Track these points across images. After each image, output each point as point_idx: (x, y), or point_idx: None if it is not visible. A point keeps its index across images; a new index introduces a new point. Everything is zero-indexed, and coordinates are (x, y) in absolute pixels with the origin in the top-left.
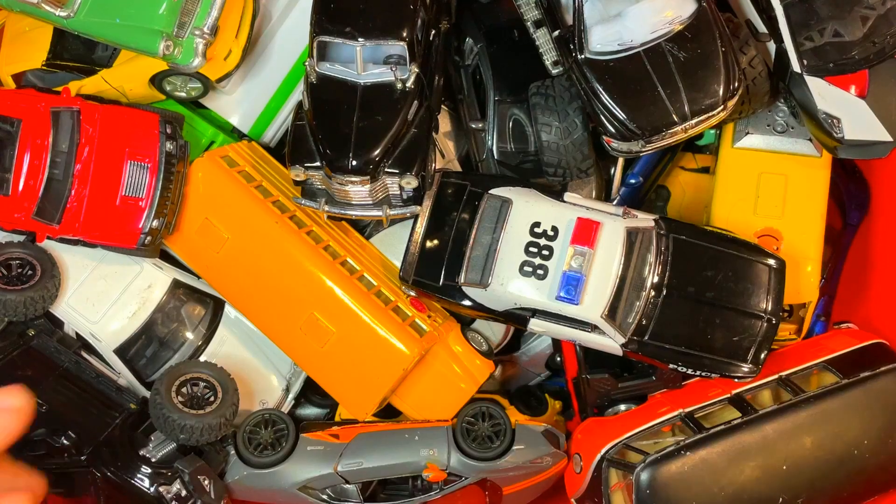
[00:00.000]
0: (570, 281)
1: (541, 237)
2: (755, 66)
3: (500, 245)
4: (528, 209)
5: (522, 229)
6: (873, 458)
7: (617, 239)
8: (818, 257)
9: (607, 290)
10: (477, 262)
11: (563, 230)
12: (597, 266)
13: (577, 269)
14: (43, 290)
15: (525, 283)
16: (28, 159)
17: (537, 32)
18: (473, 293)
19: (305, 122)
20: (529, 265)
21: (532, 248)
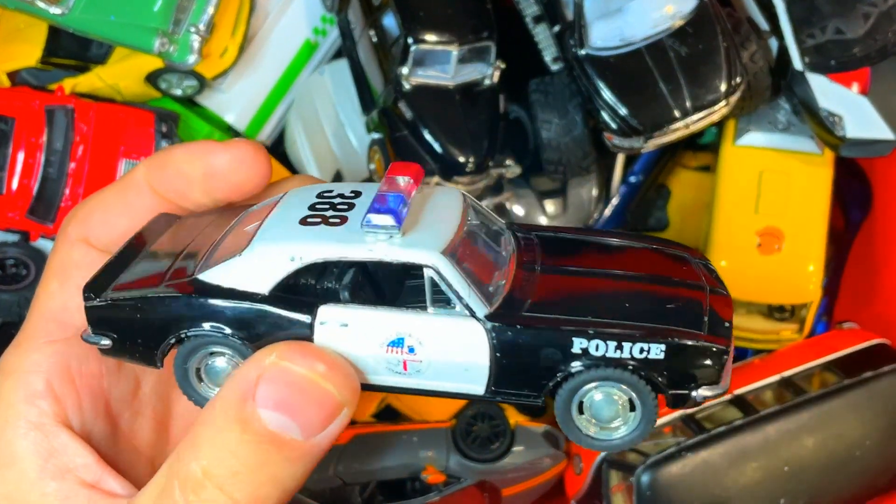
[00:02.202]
0: (384, 202)
1: (333, 198)
2: (756, 62)
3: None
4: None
5: (305, 197)
6: (876, 459)
7: (455, 194)
8: (821, 257)
9: (448, 227)
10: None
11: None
12: (430, 204)
13: (391, 191)
14: None
15: (308, 233)
16: (22, 158)
17: (537, 28)
18: (218, 276)
19: (406, 132)
20: (317, 217)
21: (321, 206)
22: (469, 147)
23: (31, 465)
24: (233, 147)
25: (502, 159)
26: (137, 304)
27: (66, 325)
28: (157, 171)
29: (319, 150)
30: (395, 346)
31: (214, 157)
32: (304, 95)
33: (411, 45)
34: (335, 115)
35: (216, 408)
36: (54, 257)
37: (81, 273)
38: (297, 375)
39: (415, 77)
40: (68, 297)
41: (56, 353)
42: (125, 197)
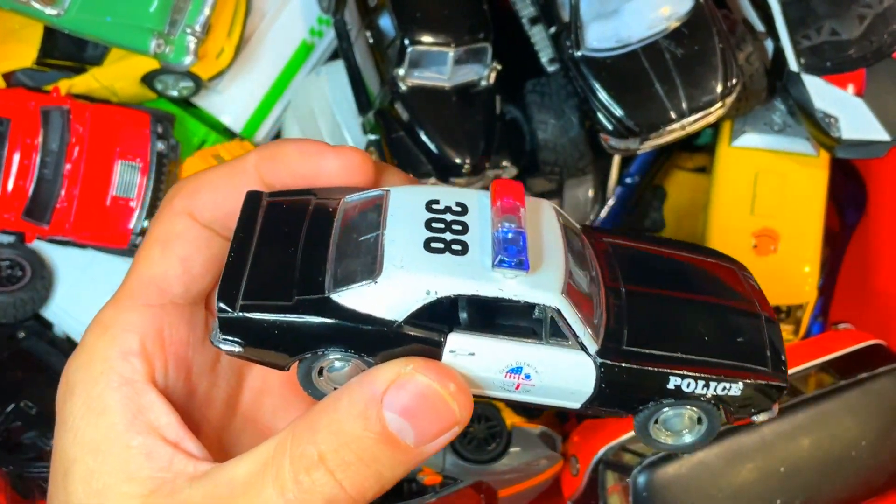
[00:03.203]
0: (508, 240)
1: (444, 213)
2: (752, 63)
3: (386, 233)
4: (415, 192)
5: (415, 208)
6: (871, 460)
7: (549, 210)
8: (816, 258)
9: (559, 258)
10: (351, 260)
11: (474, 203)
12: (536, 229)
13: (511, 227)
14: (33, 291)
15: (438, 261)
16: (17, 159)
17: (533, 29)
18: (354, 300)
19: (403, 133)
20: (439, 241)
21: (437, 224)
22: (465, 148)
23: (120, 418)
24: (344, 154)
25: (498, 160)
26: (275, 322)
27: (164, 291)
28: (268, 163)
29: None
30: (513, 372)
31: (326, 161)
32: (300, 96)
33: (408, 47)
34: (332, 116)
35: (342, 400)
36: (158, 225)
37: (183, 244)
38: (429, 388)
39: (411, 78)
40: (169, 266)
41: (153, 317)
42: (233, 179)
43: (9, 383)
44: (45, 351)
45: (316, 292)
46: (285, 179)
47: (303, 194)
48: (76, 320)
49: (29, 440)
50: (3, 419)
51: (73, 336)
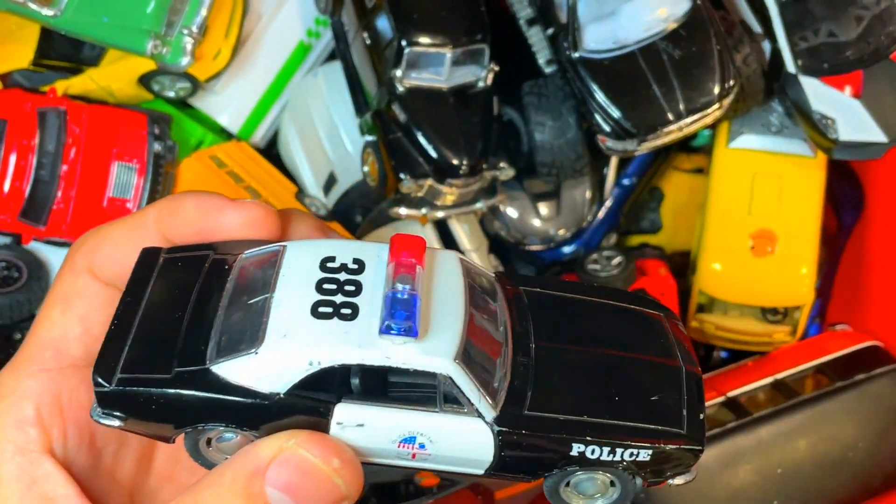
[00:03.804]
0: (398, 304)
1: (338, 272)
2: (749, 64)
3: (274, 296)
4: (311, 248)
5: (307, 266)
6: (868, 461)
7: (453, 263)
8: (813, 259)
9: (456, 321)
10: (237, 326)
11: (373, 260)
12: (434, 288)
13: (404, 289)
14: (29, 292)
15: (324, 328)
16: (14, 160)
17: (530, 31)
18: (234, 371)
19: (400, 134)
20: (328, 305)
21: (327, 286)
22: (463, 149)
23: (13, 490)
24: (244, 209)
25: (496, 162)
26: (151, 396)
27: (62, 354)
28: (168, 218)
29: (313, 152)
30: (407, 442)
31: (225, 217)
32: (297, 97)
33: (405, 48)
34: (329, 117)
35: (225, 476)
36: (58, 284)
37: (84, 303)
38: (311, 465)
39: (408, 79)
40: (68, 327)
41: (49, 381)
42: (134, 234)
43: None
44: None
45: (196, 363)
46: (185, 235)
47: (202, 249)
48: None
49: None
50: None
51: None
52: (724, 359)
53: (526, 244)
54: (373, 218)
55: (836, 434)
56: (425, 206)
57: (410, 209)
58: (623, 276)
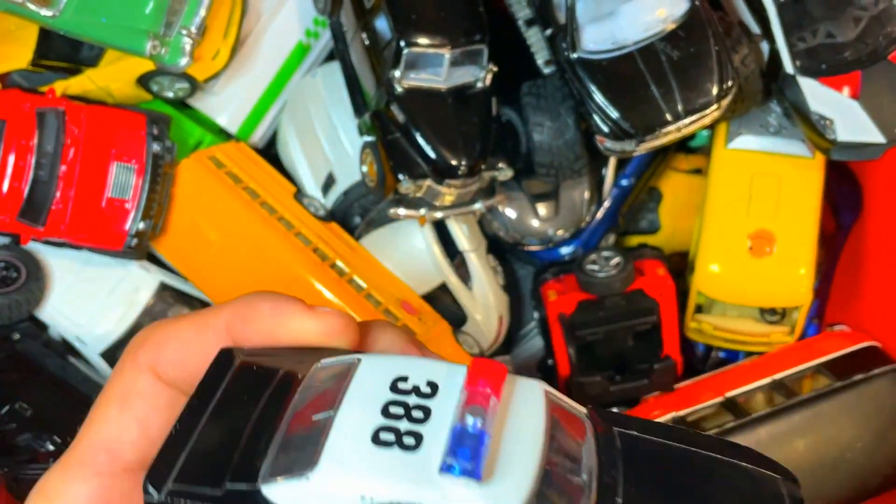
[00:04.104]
0: (464, 439)
1: (409, 394)
2: (748, 65)
3: (337, 415)
4: (385, 365)
5: (377, 386)
6: (866, 462)
7: (536, 396)
8: (812, 259)
9: (529, 465)
10: (293, 444)
11: (447, 383)
12: (510, 423)
13: (474, 424)
14: (28, 292)
15: (381, 460)
16: (13, 160)
17: (529, 31)
18: (284, 495)
19: (399, 135)
20: (390, 431)
21: (394, 409)
22: (461, 150)
23: None
24: (324, 318)
25: (495, 162)
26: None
27: (116, 457)
28: (241, 324)
29: (312, 152)
30: None
31: (303, 326)
32: (296, 98)
33: (403, 48)
34: (327, 118)
35: None
36: (117, 380)
37: (143, 404)
38: None
39: (407, 80)
40: (125, 429)
41: (101, 487)
42: (203, 337)
43: (3, 385)
44: (39, 353)
45: (248, 480)
46: (257, 340)
47: (279, 355)
48: (71, 322)
49: (24, 442)
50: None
51: (68, 338)
52: (723, 359)
53: (524, 244)
54: (371, 218)
55: (835, 434)
56: (424, 206)
57: (409, 210)
58: (621, 276)
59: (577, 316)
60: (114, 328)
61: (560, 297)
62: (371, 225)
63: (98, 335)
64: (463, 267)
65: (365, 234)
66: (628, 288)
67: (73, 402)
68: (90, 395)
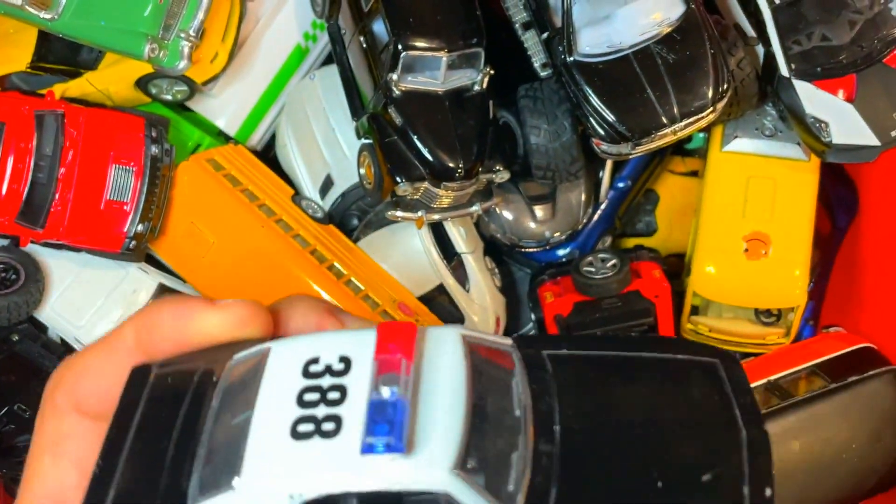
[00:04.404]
0: (381, 412)
1: (322, 376)
2: (743, 68)
3: (254, 413)
4: (296, 346)
5: (289, 375)
6: (862, 463)
7: (453, 343)
8: (807, 261)
9: (455, 419)
10: (216, 454)
11: (358, 354)
12: (429, 381)
13: (388, 393)
14: (26, 294)
15: (302, 453)
16: (11, 163)
17: (526, 35)
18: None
19: (396, 137)
20: (309, 421)
21: (309, 396)
22: (458, 153)
23: None
24: (227, 309)
25: (492, 165)
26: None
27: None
28: (147, 334)
29: (309, 154)
30: None
31: (207, 321)
32: (294, 100)
33: (401, 52)
34: (325, 120)
35: None
36: (43, 429)
37: (75, 445)
38: None
39: (404, 83)
40: (63, 476)
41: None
42: (113, 359)
43: (2, 387)
44: (38, 354)
45: (176, 500)
46: (168, 348)
47: (193, 359)
48: (70, 324)
49: (22, 443)
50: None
51: (67, 339)
52: None
53: (521, 246)
54: (369, 220)
55: (830, 435)
56: (421, 208)
57: (406, 212)
58: (618, 278)
59: (574, 317)
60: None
61: (557, 298)
62: (369, 227)
63: (97, 337)
64: (460, 269)
65: (362, 236)
66: (625, 290)
67: None
68: None
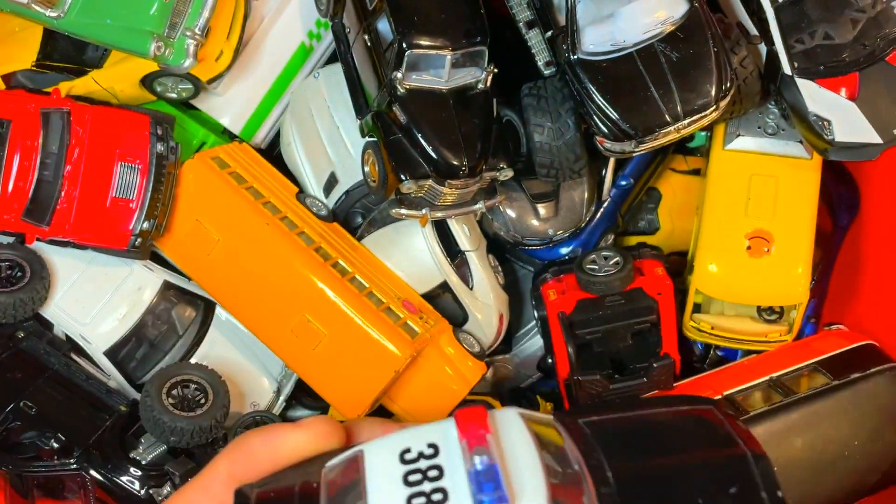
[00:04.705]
0: (482, 476)
1: (417, 461)
2: (746, 67)
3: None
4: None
5: (389, 464)
6: (864, 460)
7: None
8: (809, 259)
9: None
10: None
11: (443, 440)
12: (508, 450)
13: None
14: (32, 291)
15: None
16: (18, 160)
17: (529, 33)
18: None
19: (400, 135)
20: (419, 496)
21: (413, 477)
22: (462, 151)
23: None
24: (311, 426)
25: (495, 163)
26: None
27: None
28: (240, 466)
29: (314, 152)
30: None
31: (297, 442)
32: (298, 99)
33: (405, 50)
34: (330, 118)
35: None
36: None
37: None
38: None
39: (409, 81)
40: None
41: None
42: (210, 493)
43: (8, 383)
44: (44, 351)
45: None
46: (261, 473)
47: (286, 476)
48: (75, 321)
49: (28, 440)
50: (3, 419)
51: (73, 336)
52: (721, 358)
53: (524, 244)
54: (373, 218)
55: (832, 432)
56: (425, 206)
57: (410, 209)
58: (620, 276)
59: (577, 315)
60: (118, 327)
61: (560, 296)
62: (373, 225)
63: (102, 333)
64: (464, 266)
65: (367, 234)
66: (627, 287)
67: (78, 401)
68: (94, 393)
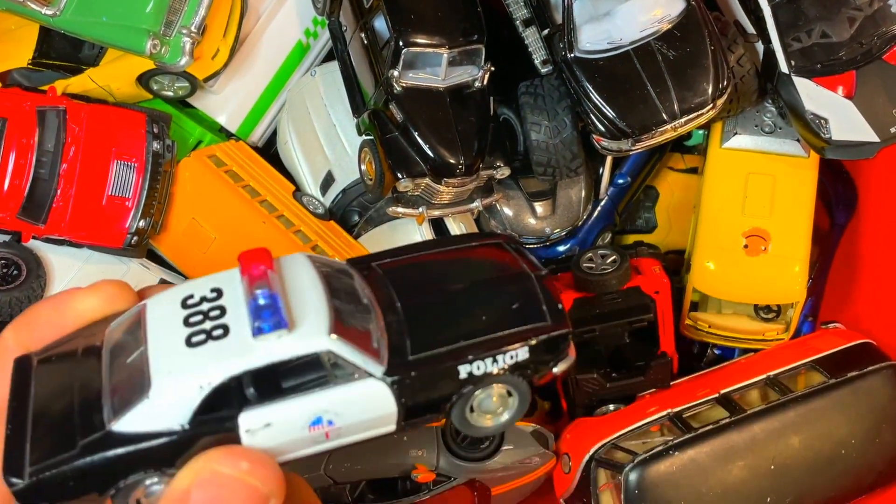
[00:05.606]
0: (261, 307)
1: (200, 304)
2: (743, 65)
3: (148, 346)
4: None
5: (171, 311)
6: (861, 458)
7: (302, 261)
8: (806, 257)
9: (320, 304)
10: (121, 386)
11: (228, 283)
12: (292, 285)
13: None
14: (28, 290)
15: (202, 355)
16: (13, 158)
17: (526, 31)
18: (133, 422)
19: (397, 133)
20: (199, 333)
21: (194, 318)
22: (459, 149)
23: None
24: (99, 288)
25: (492, 161)
26: (65, 474)
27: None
28: (26, 332)
29: (311, 150)
30: (315, 424)
31: (81, 303)
32: (295, 97)
33: (402, 48)
34: (326, 117)
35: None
36: None
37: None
38: (224, 476)
39: (405, 79)
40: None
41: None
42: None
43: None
44: None
45: (97, 430)
46: (48, 336)
47: (70, 340)
48: None
49: None
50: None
51: None
52: (718, 356)
53: (522, 242)
54: (370, 216)
55: (829, 431)
56: (422, 204)
57: (407, 208)
58: (618, 274)
59: (574, 313)
60: None
61: None
62: (369, 223)
63: None
64: None
65: (363, 232)
66: (624, 285)
67: None
68: None
